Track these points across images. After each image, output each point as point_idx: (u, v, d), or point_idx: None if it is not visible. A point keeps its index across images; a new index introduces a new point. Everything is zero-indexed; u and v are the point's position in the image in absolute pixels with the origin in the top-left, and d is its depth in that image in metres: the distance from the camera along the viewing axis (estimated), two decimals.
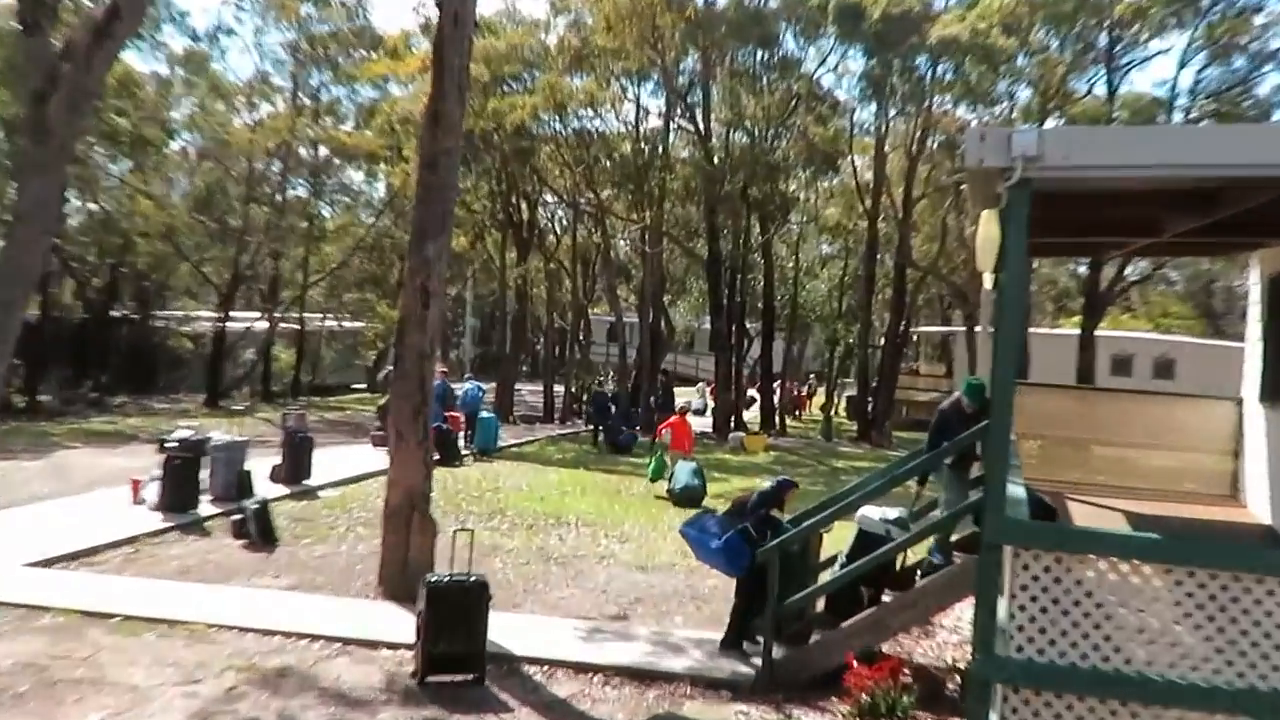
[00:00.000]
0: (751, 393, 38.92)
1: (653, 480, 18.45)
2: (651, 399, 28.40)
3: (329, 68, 31.33)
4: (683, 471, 17.12)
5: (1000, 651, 4.91)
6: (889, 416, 31.33)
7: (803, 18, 27.12)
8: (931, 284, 37.03)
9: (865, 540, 8.07)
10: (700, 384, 41.12)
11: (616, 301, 33.36)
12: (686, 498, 16.55)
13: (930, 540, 8.25)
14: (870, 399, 32.52)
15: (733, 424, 30.68)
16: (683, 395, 38.59)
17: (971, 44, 24.28)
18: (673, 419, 18.98)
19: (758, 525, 8.19)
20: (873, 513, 8.27)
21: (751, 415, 36.48)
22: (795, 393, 42.46)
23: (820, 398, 41.94)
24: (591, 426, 26.31)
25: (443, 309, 10.39)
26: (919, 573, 8.23)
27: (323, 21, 29.75)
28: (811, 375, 46.47)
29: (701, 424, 31.43)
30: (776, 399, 35.79)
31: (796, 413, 41.66)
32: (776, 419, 34.00)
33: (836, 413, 39.50)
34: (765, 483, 8.89)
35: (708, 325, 37.33)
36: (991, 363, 5.20)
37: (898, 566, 8.37)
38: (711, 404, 34.20)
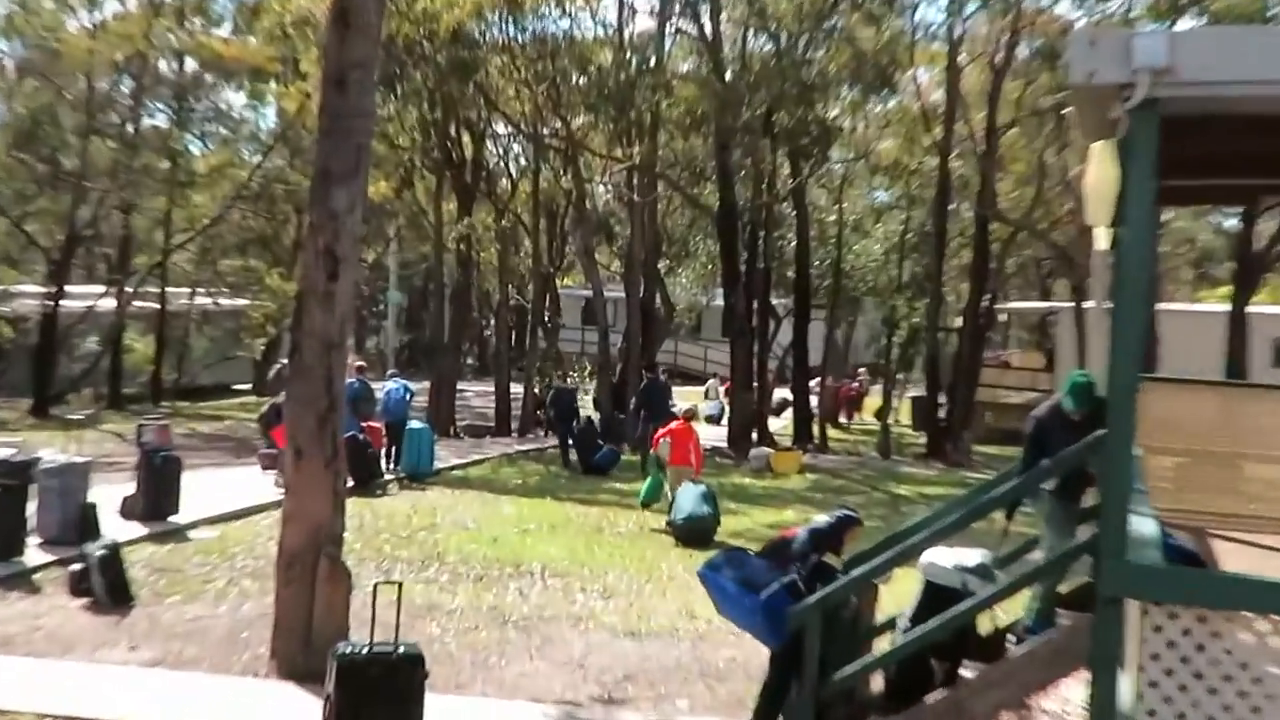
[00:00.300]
0: (781, 394, 38.00)
1: (644, 504, 18.55)
2: (633, 401, 27.79)
3: None
4: (688, 497, 16.92)
5: None
6: (968, 425, 31.42)
7: None
8: (1026, 243, 35.45)
9: (935, 596, 8.21)
10: (712, 381, 40.38)
11: (594, 270, 33.01)
12: (692, 532, 16.31)
13: (1026, 595, 8.19)
14: (943, 401, 32.28)
15: (755, 436, 30.25)
16: (689, 398, 40.39)
17: None
18: (674, 425, 18.72)
19: (808, 576, 8.23)
20: (943, 558, 8.41)
21: (781, 424, 35.52)
22: (848, 390, 40.99)
23: (875, 399, 41.19)
24: (557, 439, 26.01)
25: (356, 281, 10.31)
26: (1011, 639, 8.16)
27: None
28: (863, 370, 45.81)
29: (714, 436, 30.66)
30: (815, 402, 35.05)
31: (843, 421, 40.66)
32: (815, 429, 33.40)
33: (897, 420, 38.29)
34: (819, 517, 8.93)
35: (719, 302, 36.55)
36: (1108, 351, 5.10)
37: (981, 631, 8.31)
38: (726, 408, 33.73)
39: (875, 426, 36.46)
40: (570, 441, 25.04)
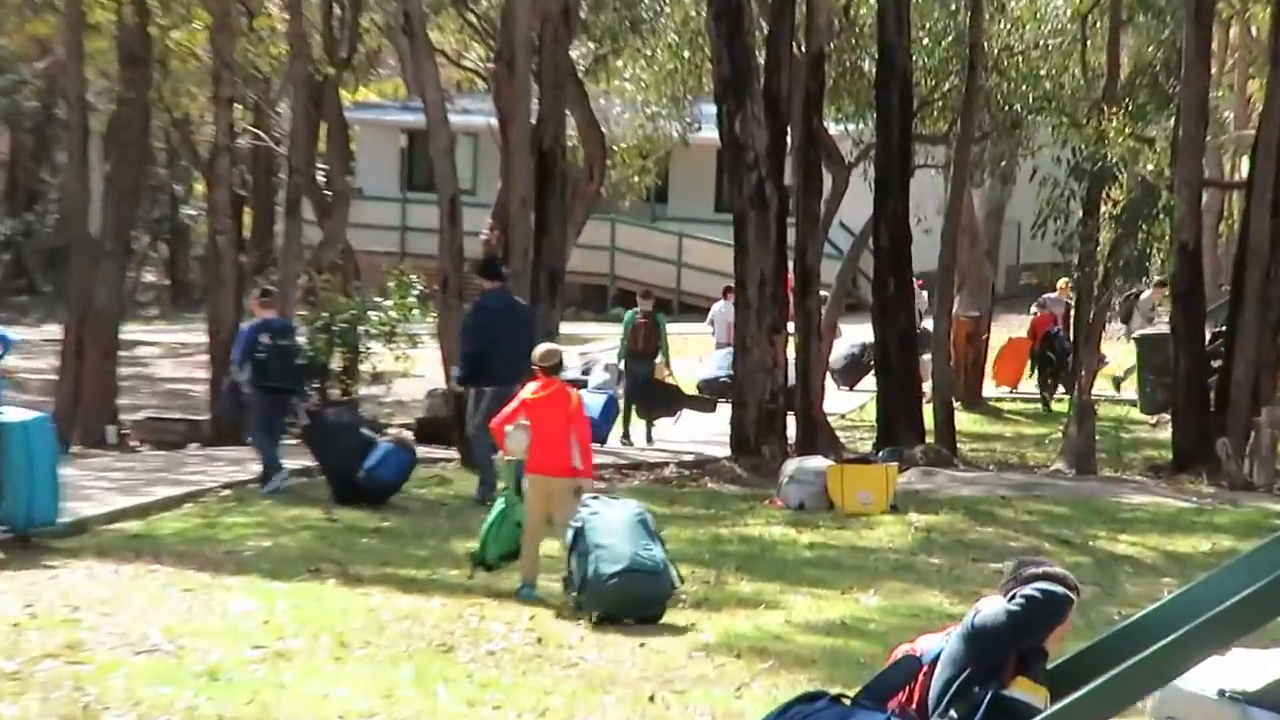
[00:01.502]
0: (852, 344, 40.00)
1: (485, 562, 19.37)
2: (465, 347, 27.50)
3: None
4: (609, 530, 17.65)
5: None
6: (1270, 399, 31.72)
7: None
8: None
9: None
10: (720, 306, 41.17)
11: (429, 67, 33.15)
12: (629, 600, 17.30)
13: None
14: (1215, 347, 33.32)
15: (796, 433, 31.14)
16: (684, 346, 38.32)
17: None
18: (543, 390, 19.22)
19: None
20: (1202, 680, 8.92)
21: (854, 403, 37.78)
22: (1044, 323, 41.47)
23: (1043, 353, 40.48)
24: (245, 434, 27.02)
25: None
26: None
27: None
28: (1067, 283, 44.08)
29: (709, 431, 32.34)
30: (929, 355, 35.65)
31: (1000, 391, 41.24)
32: (928, 413, 34.03)
33: (1119, 388, 39.97)
34: (986, 603, 9.20)
35: (709, 133, 37.68)
36: None
37: None
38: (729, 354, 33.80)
39: (1063, 402, 37.33)
40: (321, 456, 25.58)
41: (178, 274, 57.40)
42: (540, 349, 20.01)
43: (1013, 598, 8.63)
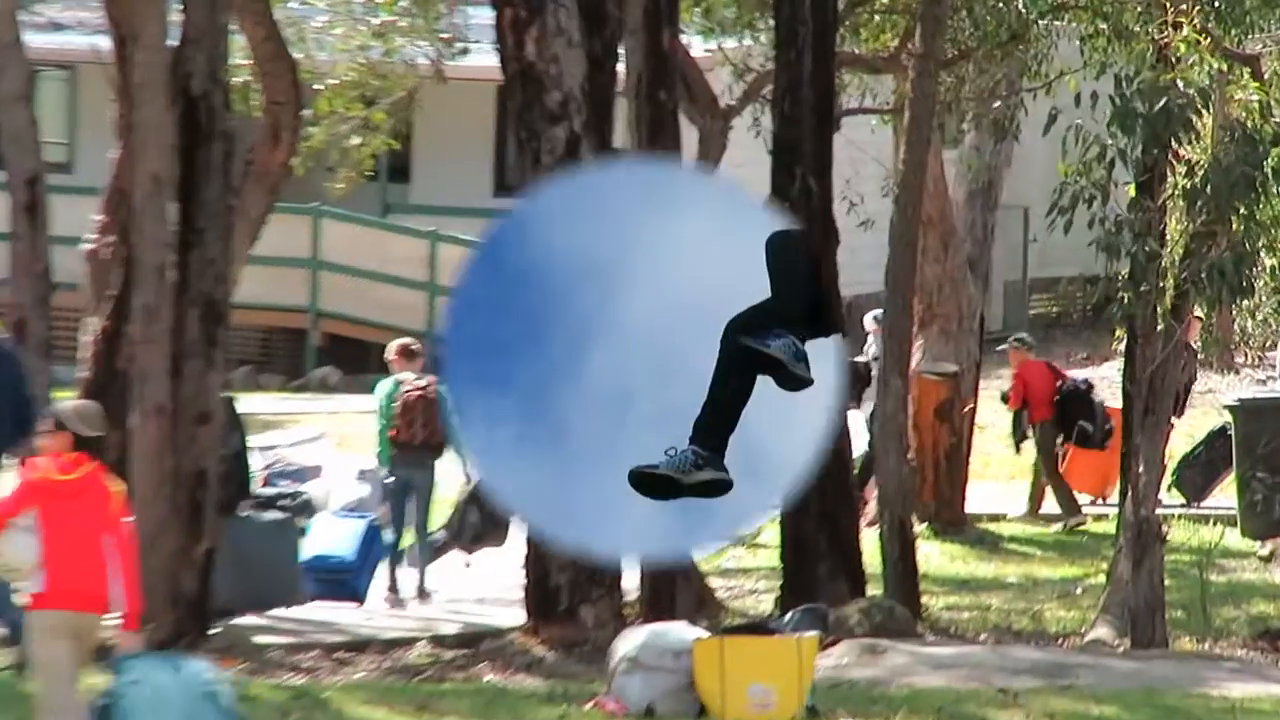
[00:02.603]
0: None
1: None
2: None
3: None
4: (145, 706, 19.11)
5: None
6: None
7: None
8: None
9: None
10: None
11: None
12: None
13: None
14: None
15: (638, 572, 27.36)
16: None
17: None
18: (68, 472, 20.29)
19: None
20: None
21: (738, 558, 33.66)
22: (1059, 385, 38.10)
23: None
24: None
25: None
26: None
27: None
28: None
29: (488, 567, 28.43)
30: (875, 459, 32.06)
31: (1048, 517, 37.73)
32: (873, 537, 32.17)
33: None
34: None
35: (478, 59, 37.56)
36: None
37: None
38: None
39: (1105, 523, 33.13)
40: None
41: None
42: (71, 406, 20.21)
43: None
